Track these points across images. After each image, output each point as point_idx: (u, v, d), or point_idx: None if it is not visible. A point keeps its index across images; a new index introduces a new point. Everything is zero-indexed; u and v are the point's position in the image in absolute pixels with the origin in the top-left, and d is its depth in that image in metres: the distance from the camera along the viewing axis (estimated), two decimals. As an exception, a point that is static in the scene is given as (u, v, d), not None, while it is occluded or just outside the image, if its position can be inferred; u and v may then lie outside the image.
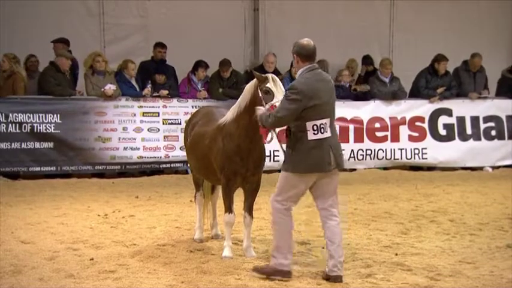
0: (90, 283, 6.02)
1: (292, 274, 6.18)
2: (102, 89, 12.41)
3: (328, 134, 6.06)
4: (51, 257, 6.85)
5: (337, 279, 6.11)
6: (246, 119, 6.65)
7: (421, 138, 14.00)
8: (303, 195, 6.30)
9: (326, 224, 6.24)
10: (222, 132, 6.88)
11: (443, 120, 14.15)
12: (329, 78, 6.30)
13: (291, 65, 13.67)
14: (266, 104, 6.41)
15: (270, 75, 6.63)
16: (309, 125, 6.02)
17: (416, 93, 14.33)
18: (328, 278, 6.14)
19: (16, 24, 13.41)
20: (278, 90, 6.50)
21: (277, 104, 6.24)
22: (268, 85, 6.52)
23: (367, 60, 14.98)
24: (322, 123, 6.03)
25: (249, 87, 6.72)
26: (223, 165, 6.81)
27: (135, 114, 12.69)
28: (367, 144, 13.72)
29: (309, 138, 6.04)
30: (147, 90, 12.77)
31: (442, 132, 14.15)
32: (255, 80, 6.65)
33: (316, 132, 6.03)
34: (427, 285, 6.07)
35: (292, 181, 6.16)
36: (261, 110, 6.36)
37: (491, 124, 14.38)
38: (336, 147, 6.15)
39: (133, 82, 12.94)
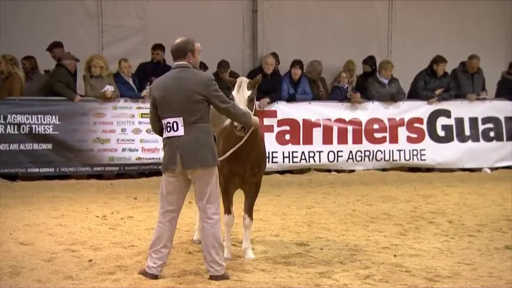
0: (88, 285, 6.01)
1: (157, 277, 6.15)
2: (102, 91, 12.40)
3: (178, 133, 6.03)
4: (50, 259, 6.85)
5: (214, 278, 6.10)
6: None
7: (420, 139, 14.01)
8: (178, 198, 6.24)
9: (201, 226, 6.32)
10: (223, 134, 6.88)
11: (441, 121, 14.16)
12: (186, 77, 6.09)
13: (291, 66, 13.72)
14: None
15: (239, 80, 6.62)
16: (163, 123, 6.12)
17: (414, 94, 14.34)
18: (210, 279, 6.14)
19: (14, 25, 13.38)
20: (240, 95, 6.51)
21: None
22: (232, 92, 6.58)
23: (368, 61, 14.90)
24: (170, 122, 6.04)
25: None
26: (222, 166, 6.81)
27: (133, 116, 12.69)
28: (365, 145, 13.73)
29: (163, 136, 6.17)
30: (146, 92, 12.77)
31: (441, 133, 14.17)
32: None
33: (166, 130, 6.10)
34: (426, 287, 6.07)
35: (162, 179, 6.28)
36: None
37: (490, 125, 14.40)
38: (185, 147, 6.02)
39: (131, 83, 12.94)
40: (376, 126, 13.84)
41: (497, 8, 16.73)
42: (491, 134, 14.42)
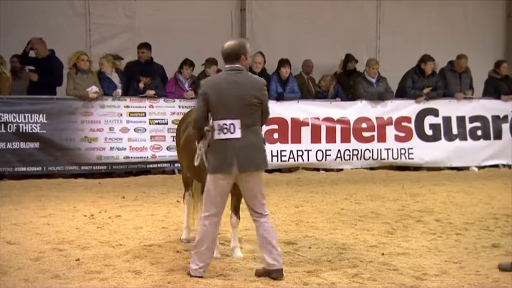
0: (76, 284, 5.99)
1: (192, 275, 6.16)
2: (87, 90, 12.32)
3: (235, 135, 6.04)
4: (37, 258, 6.82)
5: (279, 272, 6.15)
6: None
7: (408, 138, 14.05)
8: (223, 200, 6.23)
9: (256, 223, 6.30)
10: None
11: (429, 120, 14.20)
12: (245, 80, 6.14)
13: (278, 65, 13.73)
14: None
15: None
16: (215, 124, 6.09)
17: (402, 93, 14.38)
18: (268, 272, 6.16)
19: (1, 24, 13.30)
20: None
21: None
22: None
23: (351, 59, 14.97)
24: (226, 124, 6.03)
25: None
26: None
27: (121, 114, 12.65)
28: (353, 144, 13.75)
29: (215, 137, 6.11)
30: (116, 92, 12.69)
31: (429, 132, 14.21)
32: None
33: (219, 132, 6.06)
34: (413, 285, 6.08)
35: (207, 182, 6.20)
36: None
37: (477, 124, 14.45)
38: (242, 150, 6.05)
39: (113, 79, 12.84)
40: (364, 125, 13.87)
41: (485, 7, 16.83)
42: (479, 132, 14.47)
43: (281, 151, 13.40)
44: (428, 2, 16.25)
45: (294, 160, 13.53)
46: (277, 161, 13.41)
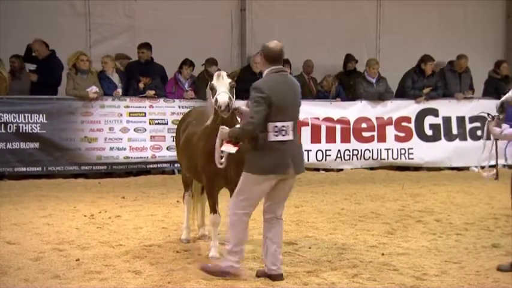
0: (76, 284, 6.00)
1: (240, 274, 6.18)
2: (87, 90, 12.31)
3: (289, 137, 6.05)
4: (37, 258, 6.83)
5: (280, 277, 6.17)
6: (220, 119, 6.60)
7: (408, 138, 14.05)
8: (260, 199, 6.23)
9: (267, 225, 6.26)
10: (205, 133, 6.86)
11: (429, 120, 14.20)
12: (293, 82, 6.27)
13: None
14: (213, 99, 6.45)
15: (216, 73, 6.66)
16: (270, 125, 6.01)
17: (402, 93, 14.37)
18: (269, 276, 6.18)
19: (1, 24, 13.30)
20: (220, 82, 6.49)
21: (220, 98, 6.30)
22: (212, 82, 6.57)
23: (351, 59, 14.99)
24: (284, 126, 6.02)
25: (207, 89, 6.76)
26: (204, 165, 6.78)
27: (121, 115, 12.64)
28: (353, 144, 13.75)
29: (270, 139, 6.03)
30: (116, 92, 12.69)
31: (428, 132, 14.21)
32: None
33: (277, 134, 6.02)
34: (413, 285, 6.09)
35: (250, 182, 6.12)
36: (225, 129, 6.27)
37: (477, 124, 14.41)
38: (294, 152, 6.12)
39: (114, 79, 12.84)
40: (364, 125, 13.87)
41: (485, 7, 16.83)
42: (479, 132, 14.44)
43: (281, 151, 13.37)
44: (428, 2, 16.26)
45: (294, 160, 13.50)
46: (277, 161, 13.37)
